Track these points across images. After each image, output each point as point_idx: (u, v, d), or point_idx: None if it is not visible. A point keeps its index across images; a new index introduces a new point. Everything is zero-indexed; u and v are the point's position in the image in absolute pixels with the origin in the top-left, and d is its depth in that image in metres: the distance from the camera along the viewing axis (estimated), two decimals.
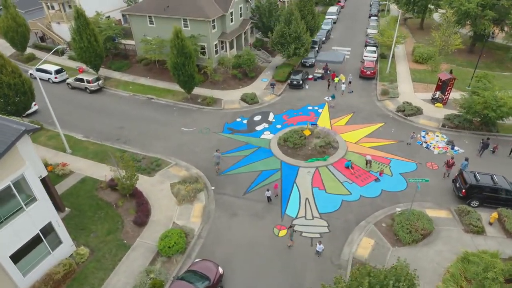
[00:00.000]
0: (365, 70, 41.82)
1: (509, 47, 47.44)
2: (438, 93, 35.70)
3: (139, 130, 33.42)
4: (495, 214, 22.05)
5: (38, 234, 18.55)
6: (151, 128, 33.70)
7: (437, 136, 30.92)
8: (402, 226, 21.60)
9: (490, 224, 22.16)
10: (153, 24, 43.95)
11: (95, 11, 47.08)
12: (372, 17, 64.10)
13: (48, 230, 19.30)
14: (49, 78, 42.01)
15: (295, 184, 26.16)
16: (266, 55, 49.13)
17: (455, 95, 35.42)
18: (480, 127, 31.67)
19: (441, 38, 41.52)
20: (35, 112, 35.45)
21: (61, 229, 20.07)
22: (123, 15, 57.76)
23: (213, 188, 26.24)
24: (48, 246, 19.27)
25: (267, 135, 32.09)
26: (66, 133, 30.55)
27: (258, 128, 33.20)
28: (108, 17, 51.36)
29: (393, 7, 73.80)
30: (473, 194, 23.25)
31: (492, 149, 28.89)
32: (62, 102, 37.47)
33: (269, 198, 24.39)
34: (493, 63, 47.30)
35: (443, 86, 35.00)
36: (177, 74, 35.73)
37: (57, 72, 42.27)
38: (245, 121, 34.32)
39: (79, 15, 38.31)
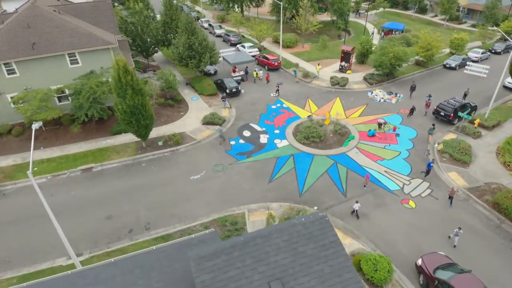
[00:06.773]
0: (272, 62, 44.53)
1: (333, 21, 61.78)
2: (343, 63, 43.54)
3: (142, 206, 24.13)
4: (478, 120, 31.66)
5: None
6: (150, 198, 24.88)
7: (380, 91, 38.71)
8: (457, 153, 27.67)
9: (476, 128, 31.66)
10: (15, 73, 29.96)
11: None
12: (201, 20, 65.71)
13: None
14: None
15: (363, 167, 27.30)
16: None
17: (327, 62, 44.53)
18: (387, 77, 41.85)
19: (305, 22, 49.62)
20: None
21: None
22: None
23: (315, 208, 23.68)
24: None
25: (279, 142, 30.43)
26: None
27: (262, 140, 30.75)
28: None
29: (200, 9, 78.03)
30: (456, 114, 32.10)
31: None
32: None
33: (356, 212, 22.89)
34: (318, 36, 60.15)
35: (346, 56, 43.03)
36: (135, 120, 27.13)
37: None
38: (242, 141, 30.79)
39: None
